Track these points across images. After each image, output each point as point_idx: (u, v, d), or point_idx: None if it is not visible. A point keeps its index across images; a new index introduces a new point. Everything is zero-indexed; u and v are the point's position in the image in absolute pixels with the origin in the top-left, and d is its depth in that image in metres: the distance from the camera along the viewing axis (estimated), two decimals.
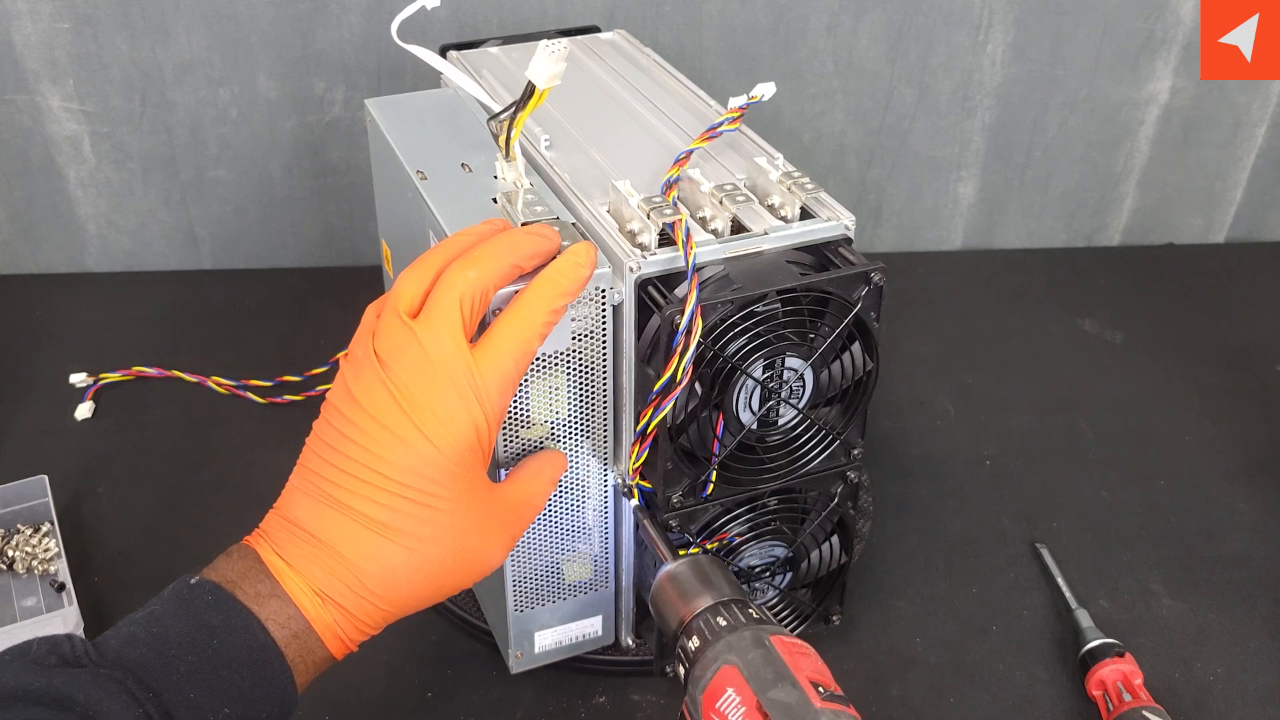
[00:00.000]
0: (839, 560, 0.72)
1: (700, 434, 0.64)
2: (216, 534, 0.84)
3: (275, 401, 0.96)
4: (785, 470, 0.67)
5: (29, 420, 0.94)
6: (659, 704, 0.73)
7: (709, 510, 0.67)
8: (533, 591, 0.69)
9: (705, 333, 0.59)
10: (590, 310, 0.61)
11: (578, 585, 0.70)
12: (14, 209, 1.09)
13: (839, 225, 0.65)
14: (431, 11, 1.01)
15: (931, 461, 0.92)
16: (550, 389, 0.62)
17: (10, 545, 0.81)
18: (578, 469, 0.66)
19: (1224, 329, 1.07)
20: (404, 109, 0.78)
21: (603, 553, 0.70)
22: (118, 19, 1.00)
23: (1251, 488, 0.90)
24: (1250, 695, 0.74)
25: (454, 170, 0.70)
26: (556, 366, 0.61)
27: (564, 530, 0.68)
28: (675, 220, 0.62)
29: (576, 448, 0.65)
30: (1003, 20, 1.06)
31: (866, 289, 0.63)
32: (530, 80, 0.61)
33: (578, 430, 0.64)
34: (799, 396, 0.65)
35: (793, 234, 0.64)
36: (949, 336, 1.07)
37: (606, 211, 0.65)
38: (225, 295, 1.10)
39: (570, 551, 0.69)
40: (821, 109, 1.10)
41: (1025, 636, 0.78)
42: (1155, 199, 1.18)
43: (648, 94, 0.80)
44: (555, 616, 0.71)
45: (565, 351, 0.61)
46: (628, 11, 1.03)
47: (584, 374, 0.62)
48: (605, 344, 0.62)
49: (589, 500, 0.67)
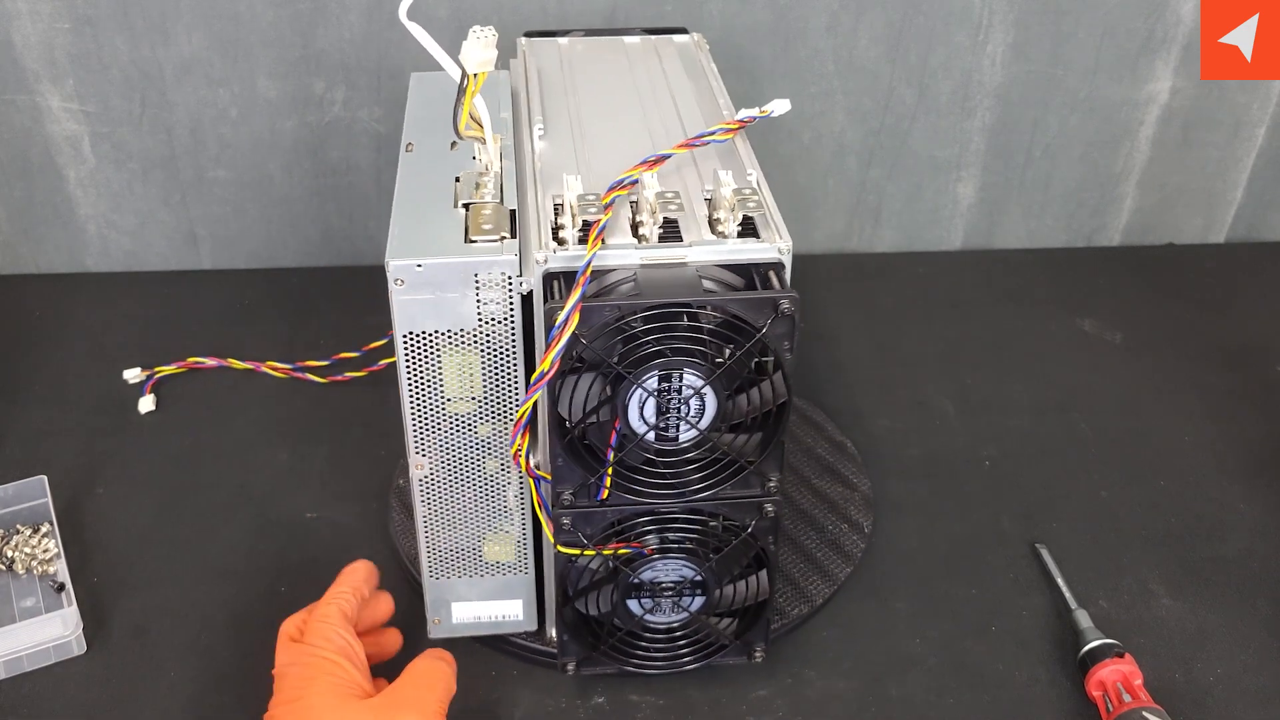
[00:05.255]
0: (759, 595, 0.71)
1: (601, 437, 0.64)
2: (216, 534, 0.85)
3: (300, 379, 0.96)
4: (682, 489, 0.65)
5: (29, 420, 0.94)
6: (658, 704, 0.73)
7: (608, 514, 0.67)
8: (449, 562, 0.71)
9: (590, 333, 0.60)
10: (497, 295, 0.63)
11: (498, 566, 0.72)
12: (14, 209, 1.09)
13: (772, 249, 0.63)
14: (431, 10, 1.02)
15: (931, 461, 0.92)
16: (463, 365, 0.64)
17: (10, 546, 0.81)
18: (501, 451, 0.68)
19: (1224, 329, 1.07)
20: (438, 86, 0.78)
21: (524, 537, 0.71)
22: (118, 19, 1.00)
23: (1251, 488, 0.90)
24: (1250, 695, 0.74)
25: (441, 146, 0.72)
26: (467, 345, 0.64)
27: (484, 508, 0.70)
28: (596, 220, 0.62)
29: (496, 428, 0.67)
30: (1003, 20, 1.06)
31: (774, 317, 0.61)
32: (461, 65, 0.64)
33: (496, 411, 0.66)
34: (699, 416, 0.63)
35: (721, 250, 0.63)
36: (949, 336, 1.07)
37: (553, 204, 0.66)
38: (225, 295, 1.10)
39: (490, 530, 0.70)
40: (821, 109, 1.10)
41: (1025, 637, 0.78)
42: (1155, 199, 1.18)
43: (676, 97, 0.80)
44: (474, 591, 0.73)
45: (472, 331, 0.63)
46: (628, 11, 1.03)
47: (495, 356, 0.65)
48: (514, 329, 0.64)
49: (510, 484, 0.69)
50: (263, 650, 0.76)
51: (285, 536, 0.84)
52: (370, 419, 0.93)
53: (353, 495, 0.87)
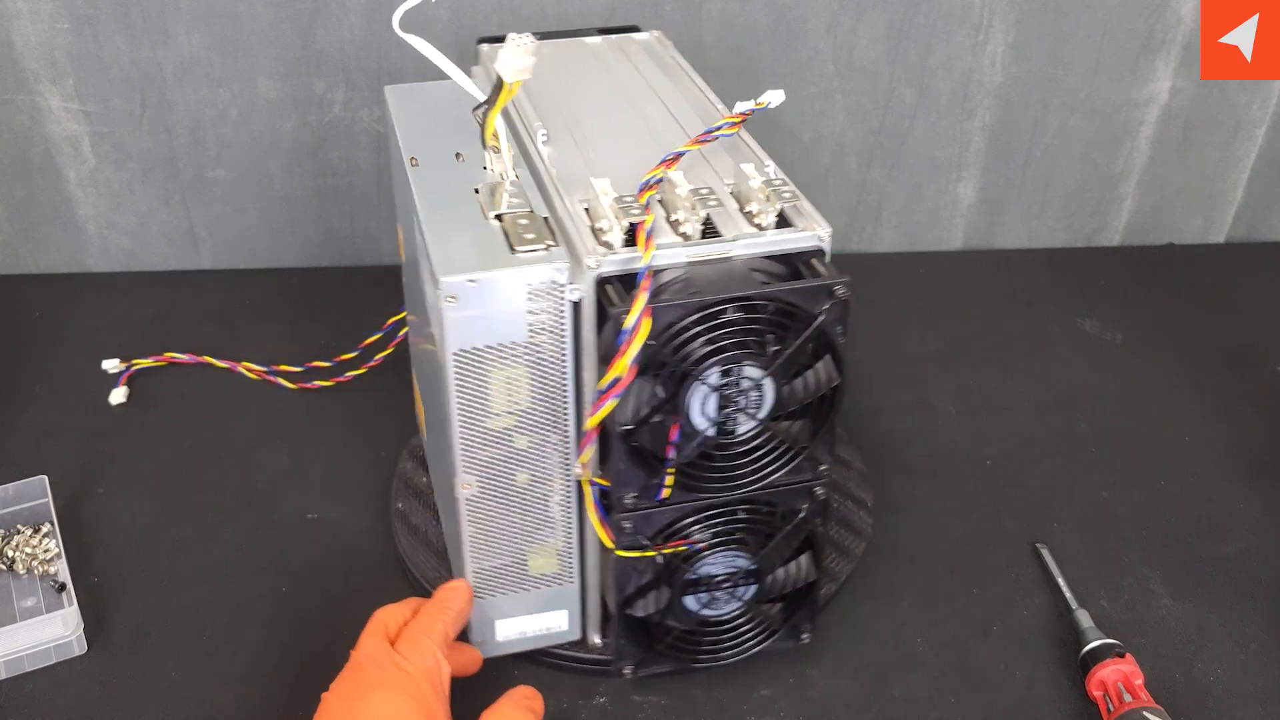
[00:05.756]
0: (807, 577, 0.71)
1: (658, 437, 0.64)
2: (216, 534, 0.85)
3: (301, 387, 0.96)
4: (743, 481, 0.66)
5: (29, 420, 0.94)
6: (659, 704, 0.73)
7: (666, 514, 0.67)
8: (494, 580, 0.70)
9: (656, 334, 0.59)
10: (547, 305, 0.61)
11: (542, 578, 0.71)
12: (14, 209, 1.09)
13: (813, 236, 0.64)
14: (431, 11, 1.02)
15: (932, 461, 0.92)
16: (509, 379, 0.63)
17: (10, 546, 0.81)
18: (543, 462, 0.66)
19: (1224, 329, 1.07)
20: (418, 97, 0.78)
21: (567, 547, 0.70)
22: (118, 19, 1.00)
23: (1251, 488, 0.90)
24: (1250, 695, 0.74)
25: (446, 159, 0.70)
26: (515, 358, 0.62)
27: (528, 522, 0.68)
28: (641, 221, 0.62)
29: (541, 440, 0.66)
30: (1003, 20, 1.06)
31: (830, 303, 0.62)
32: (498, 74, 0.62)
33: (541, 423, 0.65)
34: (758, 407, 0.64)
35: (764, 242, 0.64)
36: (949, 336, 1.07)
37: (584, 208, 0.65)
38: (225, 295, 1.10)
39: (534, 544, 0.69)
40: (821, 109, 1.10)
41: (1026, 637, 0.78)
42: (1155, 199, 1.18)
43: (662, 96, 0.80)
44: (518, 607, 0.71)
45: (523, 344, 0.62)
46: (628, 11, 1.03)
47: (543, 367, 0.63)
48: (564, 339, 0.63)
49: (553, 494, 0.68)
50: (263, 650, 0.76)
51: (285, 536, 0.84)
52: (371, 419, 0.93)
53: (353, 496, 0.87)
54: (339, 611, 0.78)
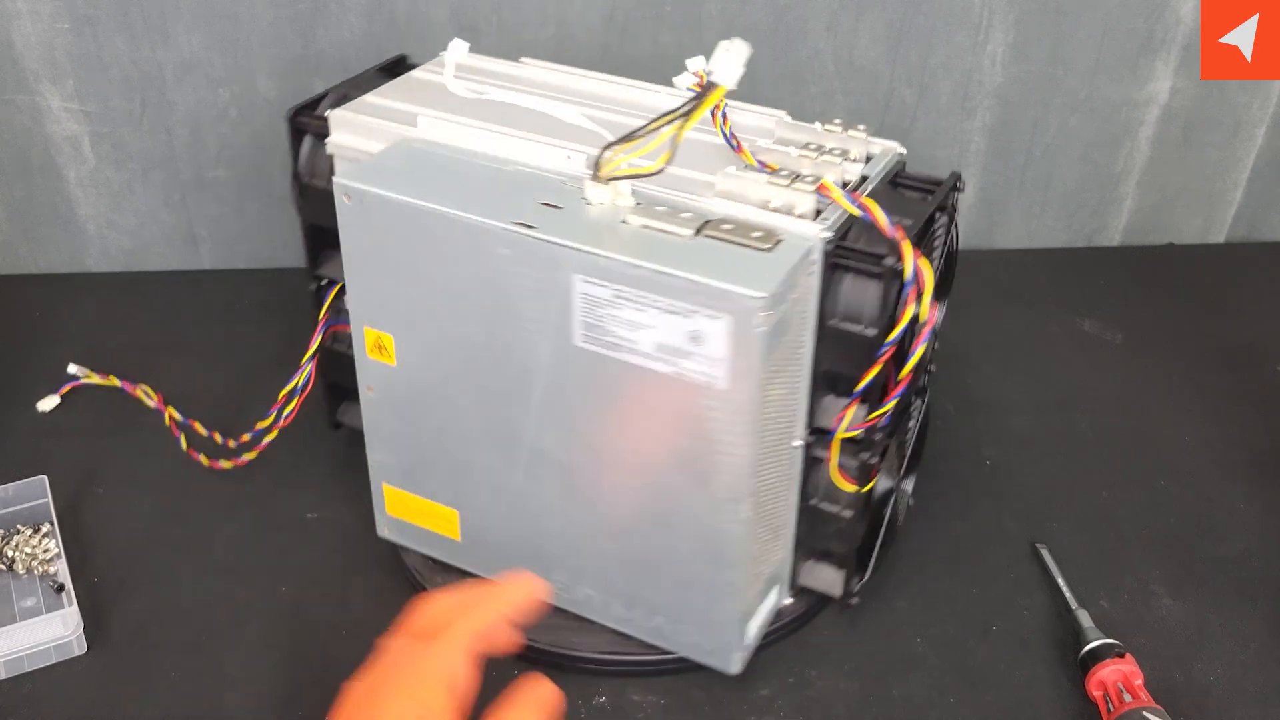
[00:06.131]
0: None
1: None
2: (217, 534, 0.85)
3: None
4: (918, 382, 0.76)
5: (29, 420, 0.94)
6: (659, 704, 0.73)
7: (875, 439, 0.69)
8: (756, 590, 0.70)
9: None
10: (806, 281, 0.62)
11: (775, 565, 0.72)
12: (14, 209, 1.09)
13: (895, 148, 0.72)
14: (431, 11, 1.02)
15: (932, 461, 0.92)
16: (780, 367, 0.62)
17: (10, 546, 0.81)
18: (788, 450, 0.67)
19: (1224, 329, 1.08)
20: (396, 171, 0.68)
21: (786, 525, 0.71)
22: (118, 19, 1.00)
23: (1251, 488, 0.90)
24: (1250, 695, 0.74)
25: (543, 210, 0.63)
26: (790, 355, 0.63)
27: (777, 510, 0.69)
28: (819, 184, 0.64)
29: (788, 424, 0.66)
30: (1003, 20, 1.06)
31: (956, 183, 0.72)
32: (716, 83, 0.60)
33: (788, 414, 0.66)
34: None
35: (880, 170, 0.70)
36: (949, 336, 1.06)
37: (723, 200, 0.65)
38: (225, 295, 1.10)
39: (779, 530, 0.70)
40: (821, 109, 1.10)
41: (1026, 637, 0.78)
42: (1155, 199, 1.18)
43: (601, 95, 0.78)
44: (758, 600, 0.72)
45: (795, 336, 0.63)
46: (628, 12, 1.03)
47: (796, 351, 0.64)
48: (808, 314, 0.63)
49: (793, 482, 0.69)
50: (263, 650, 0.76)
51: (285, 536, 0.84)
52: None
53: (353, 495, 0.87)
54: (339, 611, 0.78)
